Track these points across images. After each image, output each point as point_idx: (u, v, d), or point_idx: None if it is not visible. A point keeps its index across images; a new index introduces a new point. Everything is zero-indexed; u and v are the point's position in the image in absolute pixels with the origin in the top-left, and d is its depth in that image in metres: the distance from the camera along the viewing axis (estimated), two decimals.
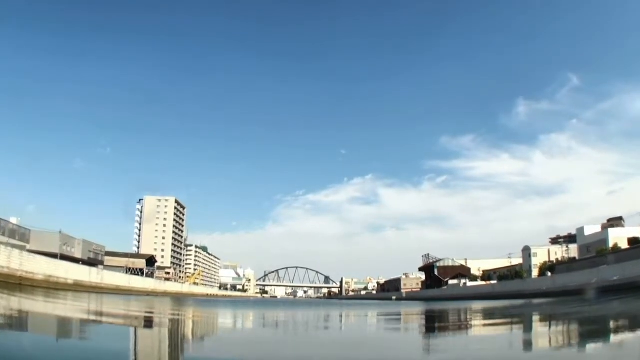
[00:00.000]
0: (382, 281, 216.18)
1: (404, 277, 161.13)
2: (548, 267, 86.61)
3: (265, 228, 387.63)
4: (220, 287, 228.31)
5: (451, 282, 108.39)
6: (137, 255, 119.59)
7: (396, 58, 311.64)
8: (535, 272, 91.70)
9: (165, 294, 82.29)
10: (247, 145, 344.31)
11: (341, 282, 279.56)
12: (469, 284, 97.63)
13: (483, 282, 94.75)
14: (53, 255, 70.19)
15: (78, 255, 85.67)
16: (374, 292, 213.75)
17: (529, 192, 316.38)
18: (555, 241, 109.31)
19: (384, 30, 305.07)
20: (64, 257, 75.81)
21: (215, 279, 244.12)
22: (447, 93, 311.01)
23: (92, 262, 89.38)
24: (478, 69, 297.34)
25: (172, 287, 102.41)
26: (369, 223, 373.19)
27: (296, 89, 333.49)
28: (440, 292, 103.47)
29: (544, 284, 61.33)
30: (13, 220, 77.19)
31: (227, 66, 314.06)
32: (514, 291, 66.65)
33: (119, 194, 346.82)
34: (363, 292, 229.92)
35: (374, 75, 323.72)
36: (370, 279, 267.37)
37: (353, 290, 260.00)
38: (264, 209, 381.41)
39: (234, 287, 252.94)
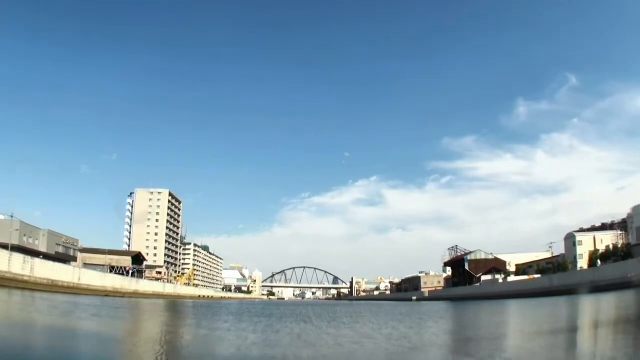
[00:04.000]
0: (395, 280, 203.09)
1: (423, 275, 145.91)
2: (601, 255, 74.88)
3: (271, 230, 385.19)
4: (223, 289, 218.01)
5: (484, 278, 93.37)
6: (122, 252, 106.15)
7: (398, 61, 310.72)
8: (581, 263, 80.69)
9: (135, 295, 68.06)
10: (252, 150, 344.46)
11: (351, 283, 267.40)
12: (509, 279, 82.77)
13: (526, 277, 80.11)
14: (5, 247, 57.35)
15: (43, 248, 72.20)
16: (387, 292, 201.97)
17: (532, 191, 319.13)
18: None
19: (387, 35, 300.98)
20: (22, 250, 62.60)
21: (217, 280, 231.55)
22: (448, 95, 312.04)
23: (61, 258, 75.89)
24: (478, 71, 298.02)
25: (149, 287, 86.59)
26: (375, 224, 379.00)
27: (300, 93, 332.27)
28: (472, 290, 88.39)
29: (628, 270, 46.96)
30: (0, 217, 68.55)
31: (232, 71, 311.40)
32: (580, 283, 53.25)
33: (121, 197, 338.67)
34: (376, 293, 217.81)
35: (377, 79, 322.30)
36: (381, 278, 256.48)
37: (364, 291, 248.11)
38: (270, 211, 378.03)
39: (238, 289, 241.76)
